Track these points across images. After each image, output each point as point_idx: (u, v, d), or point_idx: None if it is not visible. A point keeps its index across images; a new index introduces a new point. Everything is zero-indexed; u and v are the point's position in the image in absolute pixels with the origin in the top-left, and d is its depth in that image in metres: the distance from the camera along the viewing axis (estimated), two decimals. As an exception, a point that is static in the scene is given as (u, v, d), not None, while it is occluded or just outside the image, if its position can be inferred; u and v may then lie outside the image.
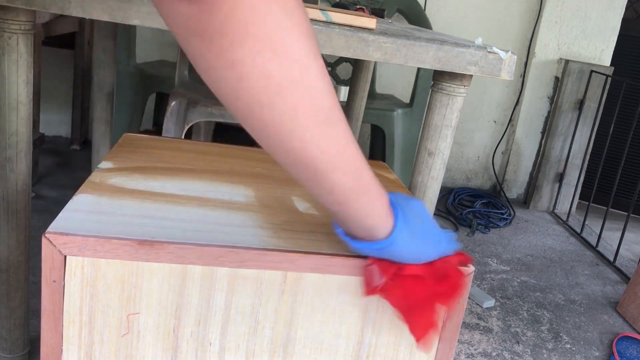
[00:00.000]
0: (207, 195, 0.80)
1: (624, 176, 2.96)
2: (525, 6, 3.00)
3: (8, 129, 1.06)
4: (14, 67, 1.03)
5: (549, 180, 3.03)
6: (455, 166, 3.20)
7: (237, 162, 0.97)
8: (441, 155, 1.14)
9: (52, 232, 0.62)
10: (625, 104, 2.81)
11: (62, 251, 0.62)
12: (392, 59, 1.02)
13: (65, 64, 2.83)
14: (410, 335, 0.67)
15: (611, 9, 2.95)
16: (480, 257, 2.33)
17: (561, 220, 2.93)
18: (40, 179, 2.34)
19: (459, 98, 1.11)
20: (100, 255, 0.63)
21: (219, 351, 0.69)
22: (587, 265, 2.42)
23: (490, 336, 1.75)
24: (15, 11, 0.99)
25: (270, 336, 0.70)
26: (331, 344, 0.72)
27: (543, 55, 3.00)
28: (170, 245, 0.64)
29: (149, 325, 0.66)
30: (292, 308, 0.69)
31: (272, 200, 0.83)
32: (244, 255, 0.66)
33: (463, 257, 0.68)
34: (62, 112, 2.92)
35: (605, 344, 1.82)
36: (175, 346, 0.68)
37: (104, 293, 0.64)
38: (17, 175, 1.08)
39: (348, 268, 0.69)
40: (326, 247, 0.70)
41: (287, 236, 0.71)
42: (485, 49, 1.04)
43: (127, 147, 0.95)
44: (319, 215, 0.80)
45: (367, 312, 0.71)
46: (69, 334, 0.65)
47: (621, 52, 3.06)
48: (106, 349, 0.66)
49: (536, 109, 3.08)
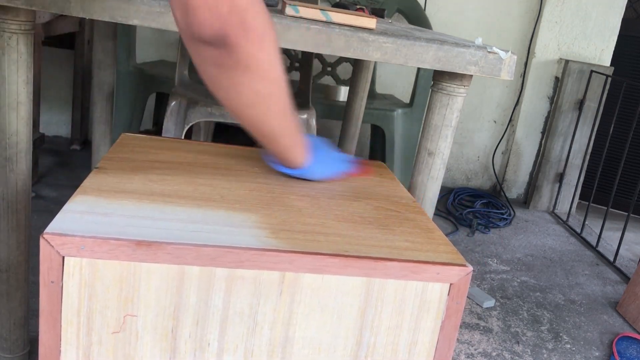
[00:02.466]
0: (206, 196, 0.80)
1: (624, 176, 2.96)
2: (525, 6, 3.00)
3: (8, 129, 1.06)
4: (14, 67, 1.03)
5: (549, 180, 3.03)
6: (455, 166, 3.20)
7: (236, 162, 0.97)
8: (441, 155, 1.14)
9: (50, 233, 0.62)
10: (625, 104, 2.81)
11: (60, 252, 0.62)
12: (392, 59, 1.02)
13: (65, 64, 2.83)
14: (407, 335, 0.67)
15: (611, 9, 2.95)
16: (480, 257, 2.33)
17: (561, 220, 2.93)
18: (40, 179, 2.34)
19: (459, 98, 1.11)
20: (98, 256, 0.63)
21: (217, 352, 0.69)
22: (587, 265, 2.42)
23: (490, 336, 1.75)
24: (15, 11, 0.99)
25: (269, 337, 0.70)
26: (329, 345, 0.72)
27: (543, 55, 3.00)
28: (168, 246, 0.64)
29: (147, 326, 0.66)
30: (290, 308, 0.69)
31: (270, 200, 0.83)
32: (242, 256, 0.66)
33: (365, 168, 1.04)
34: (62, 112, 2.92)
35: (605, 344, 1.82)
36: (174, 347, 0.68)
37: (102, 294, 0.64)
38: (17, 175, 1.08)
39: (346, 268, 0.69)
40: (324, 247, 0.70)
41: (285, 236, 0.71)
42: (485, 49, 1.04)
43: (125, 147, 0.95)
44: (317, 215, 0.80)
45: (366, 313, 0.71)
46: (67, 334, 0.65)
47: (621, 52, 3.05)
48: (104, 350, 0.66)
49: (536, 109, 3.08)
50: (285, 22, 0.97)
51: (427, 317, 0.74)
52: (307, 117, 1.62)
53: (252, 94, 0.74)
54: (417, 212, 0.89)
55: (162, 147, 0.98)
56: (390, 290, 0.71)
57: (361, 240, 0.74)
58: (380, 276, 0.70)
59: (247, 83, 0.72)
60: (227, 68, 0.70)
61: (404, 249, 0.74)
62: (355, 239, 0.74)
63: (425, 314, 0.73)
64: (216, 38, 0.67)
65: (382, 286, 0.71)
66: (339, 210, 0.83)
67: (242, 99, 0.75)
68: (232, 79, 0.72)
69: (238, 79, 0.71)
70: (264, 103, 0.76)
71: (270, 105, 0.77)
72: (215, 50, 0.68)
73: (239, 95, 0.74)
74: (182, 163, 0.92)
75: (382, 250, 0.72)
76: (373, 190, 0.95)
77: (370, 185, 0.97)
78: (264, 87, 0.74)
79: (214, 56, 0.69)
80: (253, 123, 0.80)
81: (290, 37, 0.98)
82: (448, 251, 0.76)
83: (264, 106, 0.77)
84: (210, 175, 0.89)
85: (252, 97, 0.74)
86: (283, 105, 0.79)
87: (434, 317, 0.74)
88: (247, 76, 0.71)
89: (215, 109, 1.53)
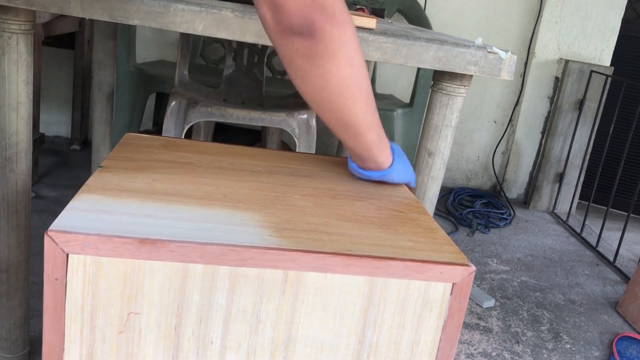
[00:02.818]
0: (208, 195, 0.80)
1: (624, 176, 2.96)
2: (525, 6, 3.00)
3: (8, 129, 1.06)
4: (14, 67, 1.03)
5: (549, 180, 3.03)
6: (455, 166, 3.20)
7: (238, 161, 0.98)
8: (441, 155, 1.14)
9: (55, 230, 0.62)
10: (625, 104, 2.82)
11: (65, 249, 0.62)
12: (392, 59, 1.02)
13: (65, 64, 2.83)
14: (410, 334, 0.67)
15: (611, 9, 2.95)
16: (480, 257, 2.33)
17: (561, 220, 2.93)
18: (40, 179, 2.34)
19: (459, 98, 1.11)
20: (102, 254, 0.63)
21: (220, 350, 0.69)
22: (587, 265, 2.43)
23: (490, 336, 1.76)
24: (15, 11, 0.99)
25: (271, 335, 0.70)
26: (332, 344, 0.72)
27: (543, 55, 3.00)
28: (171, 244, 0.64)
29: (150, 324, 0.66)
30: (293, 307, 0.69)
31: (273, 199, 0.83)
32: (245, 254, 0.66)
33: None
34: (62, 112, 2.92)
35: (605, 344, 1.82)
36: (177, 344, 0.68)
37: (106, 291, 0.64)
38: (17, 175, 1.08)
39: (349, 267, 0.69)
40: (327, 246, 0.70)
41: (288, 235, 0.71)
42: (485, 49, 1.04)
43: (129, 146, 0.95)
44: (320, 215, 0.80)
45: (368, 312, 0.72)
46: (71, 332, 0.65)
47: (621, 52, 3.06)
48: (107, 347, 0.66)
49: (536, 109, 3.08)
50: (287, 21, 0.96)
51: (429, 316, 0.74)
52: (307, 117, 1.62)
53: (340, 82, 0.78)
54: (420, 212, 0.89)
55: (165, 147, 0.98)
56: (393, 289, 0.72)
57: (364, 239, 0.75)
58: (383, 275, 0.70)
59: (335, 70, 0.76)
60: (315, 57, 0.74)
61: (407, 249, 0.74)
62: (358, 238, 0.75)
63: (427, 313, 0.73)
64: (304, 26, 0.72)
65: (385, 285, 0.71)
66: (342, 210, 0.84)
67: (330, 87, 0.78)
68: (320, 67, 0.75)
69: (326, 67, 0.75)
70: (350, 91, 0.79)
71: (357, 93, 0.80)
72: (304, 41, 0.73)
73: (327, 84, 0.78)
74: (185, 162, 0.92)
75: (385, 250, 0.72)
76: (375, 190, 0.95)
77: (372, 185, 0.98)
78: (351, 74, 0.78)
79: (304, 46, 0.73)
80: (341, 115, 0.82)
81: (292, 37, 0.97)
82: (451, 251, 0.76)
83: (351, 94, 0.80)
84: (213, 174, 0.89)
85: (339, 84, 0.78)
86: (368, 95, 0.82)
87: (437, 317, 0.74)
88: (334, 63, 0.75)
89: (215, 109, 1.53)
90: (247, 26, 0.97)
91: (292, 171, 0.97)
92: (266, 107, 1.68)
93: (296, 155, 1.07)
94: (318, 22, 0.72)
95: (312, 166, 1.01)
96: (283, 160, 1.02)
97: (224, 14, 0.96)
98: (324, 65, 0.76)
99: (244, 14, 0.96)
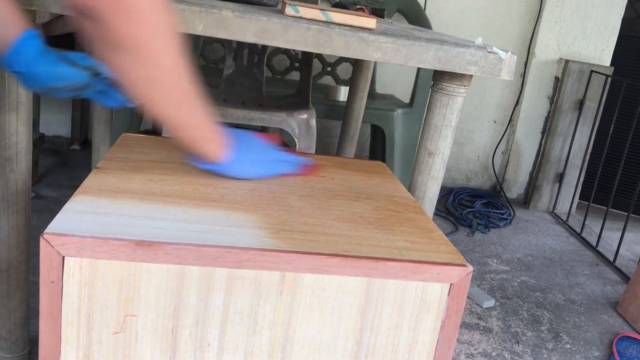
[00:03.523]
0: (205, 196, 0.80)
1: (624, 176, 2.96)
2: (525, 6, 3.00)
3: (8, 129, 1.06)
4: (13, 68, 1.03)
5: (549, 180, 3.03)
6: (455, 166, 3.20)
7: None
8: (441, 155, 1.14)
9: (50, 233, 0.62)
10: (625, 104, 2.81)
11: (60, 252, 0.62)
12: (392, 59, 1.02)
13: (65, 64, 2.82)
14: (407, 335, 0.67)
15: (611, 9, 2.95)
16: (480, 257, 2.33)
17: (561, 220, 2.93)
18: (40, 179, 2.34)
19: (459, 98, 1.11)
20: (99, 256, 0.63)
21: (217, 352, 0.69)
22: (587, 265, 2.42)
23: (490, 336, 1.75)
24: (14, 11, 0.99)
25: (269, 337, 0.70)
26: (330, 345, 0.72)
27: (543, 55, 3.00)
28: (168, 246, 0.64)
29: (147, 326, 0.66)
30: (290, 308, 0.69)
31: (270, 199, 0.83)
32: (242, 256, 0.66)
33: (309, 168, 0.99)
34: (62, 112, 2.92)
35: (605, 344, 1.82)
36: (174, 347, 0.68)
37: (102, 294, 0.64)
38: (17, 175, 1.08)
39: (346, 268, 0.69)
40: (324, 247, 0.70)
41: (285, 236, 0.71)
42: (485, 49, 1.04)
43: (125, 147, 0.95)
44: (317, 216, 0.80)
45: (366, 313, 0.71)
46: (68, 334, 0.65)
47: (621, 52, 3.05)
48: (104, 350, 0.66)
49: (536, 109, 3.08)
50: (285, 22, 0.97)
51: (427, 317, 0.74)
52: (307, 117, 1.62)
53: (139, 80, 0.72)
54: (418, 212, 0.88)
55: (162, 147, 0.98)
56: (391, 290, 0.71)
57: (361, 240, 0.74)
58: (381, 276, 0.70)
59: (132, 67, 0.70)
60: (108, 44, 0.67)
61: (404, 249, 0.74)
62: (356, 239, 0.74)
63: (425, 314, 0.73)
64: (85, 8, 0.64)
65: (382, 286, 0.71)
66: (339, 210, 0.83)
67: (132, 83, 0.72)
68: (117, 57, 0.69)
69: (121, 58, 0.69)
70: (154, 91, 0.73)
71: (165, 93, 0.74)
72: (90, 23, 0.66)
73: (126, 77, 0.72)
74: (182, 163, 0.92)
75: (383, 250, 0.72)
76: (373, 191, 0.95)
77: (370, 185, 0.97)
78: (153, 74, 0.71)
79: (91, 29, 0.67)
80: (152, 111, 0.76)
81: (290, 37, 0.97)
82: (448, 251, 0.76)
83: (157, 94, 0.74)
84: (210, 175, 0.89)
85: (138, 82, 0.72)
86: (181, 95, 0.76)
87: (434, 317, 0.74)
88: (130, 59, 0.69)
89: (215, 109, 1.52)
90: (247, 26, 0.97)
91: (291, 172, 0.97)
92: (266, 107, 1.68)
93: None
94: (101, 11, 0.64)
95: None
96: (281, 161, 1.02)
97: (224, 14, 0.95)
98: (120, 57, 0.69)
99: (244, 14, 0.96)
